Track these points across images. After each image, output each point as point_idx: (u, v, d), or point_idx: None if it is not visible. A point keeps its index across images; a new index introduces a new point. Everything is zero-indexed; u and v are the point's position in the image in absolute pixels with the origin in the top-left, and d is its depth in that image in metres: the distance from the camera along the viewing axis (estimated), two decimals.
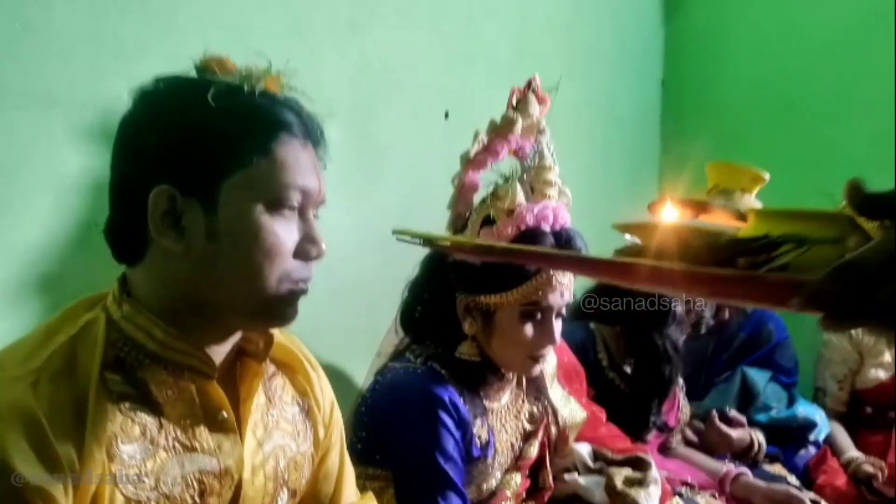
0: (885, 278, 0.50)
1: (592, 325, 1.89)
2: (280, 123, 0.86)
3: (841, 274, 0.51)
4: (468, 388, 1.29)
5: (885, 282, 0.50)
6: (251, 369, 0.94)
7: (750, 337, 2.27)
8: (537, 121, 1.29)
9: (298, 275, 0.87)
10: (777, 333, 2.30)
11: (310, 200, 0.88)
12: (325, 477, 1.06)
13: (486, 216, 1.27)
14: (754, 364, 2.25)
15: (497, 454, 1.32)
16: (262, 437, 0.93)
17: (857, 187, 0.58)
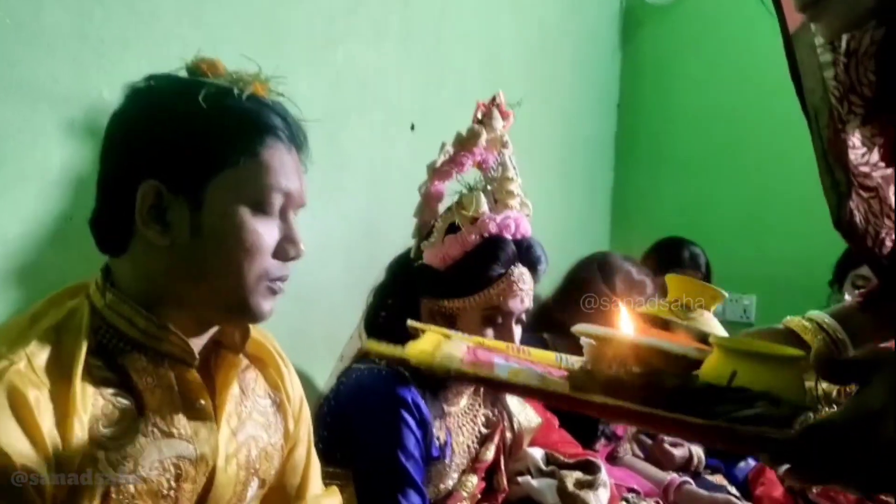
0: (846, 443, 0.55)
1: (546, 336, 1.95)
2: (267, 127, 0.90)
3: (810, 436, 0.56)
4: (430, 391, 1.33)
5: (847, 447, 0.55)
6: (227, 360, 0.97)
7: None
8: (501, 134, 1.35)
9: (276, 273, 0.91)
10: None
11: (291, 202, 0.92)
12: (293, 469, 1.09)
13: (451, 224, 1.32)
14: None
15: (454, 455, 1.36)
16: (235, 426, 0.96)
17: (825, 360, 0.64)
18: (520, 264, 1.34)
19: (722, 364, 0.67)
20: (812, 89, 0.92)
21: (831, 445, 0.55)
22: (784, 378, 0.65)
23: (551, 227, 2.63)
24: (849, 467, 0.56)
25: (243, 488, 0.96)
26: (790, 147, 2.84)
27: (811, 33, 0.88)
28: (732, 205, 3.00)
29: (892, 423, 0.55)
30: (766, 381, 0.63)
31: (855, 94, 0.85)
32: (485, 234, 1.31)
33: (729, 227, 3.00)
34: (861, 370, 0.61)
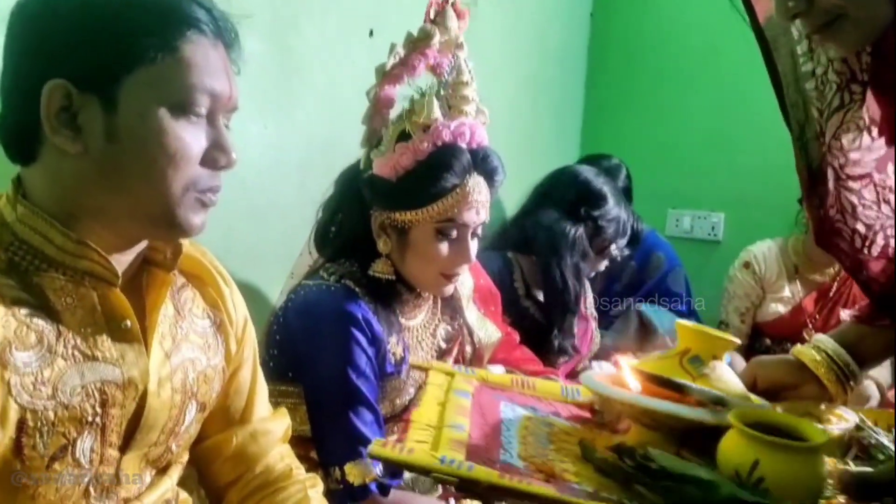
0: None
1: (510, 254, 1.91)
2: (188, 19, 0.81)
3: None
4: (382, 306, 1.29)
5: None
6: (158, 279, 0.91)
7: (640, 266, 2.34)
8: (455, 36, 1.27)
9: (205, 184, 0.84)
10: (667, 262, 2.38)
11: (219, 105, 0.85)
12: (237, 391, 1.05)
13: (402, 131, 1.25)
14: (648, 294, 2.32)
15: (411, 370, 1.33)
16: (169, 348, 0.91)
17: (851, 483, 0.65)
18: (475, 174, 1.27)
19: (744, 450, 0.70)
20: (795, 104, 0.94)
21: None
22: (805, 466, 0.69)
23: (519, 140, 2.56)
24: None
25: (180, 412, 0.92)
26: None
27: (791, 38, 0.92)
28: (704, 119, 2.94)
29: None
30: (788, 472, 0.68)
31: (856, 83, 0.87)
32: (438, 142, 1.24)
33: (699, 141, 2.95)
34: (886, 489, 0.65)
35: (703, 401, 0.88)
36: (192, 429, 0.96)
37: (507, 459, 0.81)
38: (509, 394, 1.05)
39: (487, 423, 0.92)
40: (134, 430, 0.86)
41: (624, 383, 0.94)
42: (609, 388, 0.93)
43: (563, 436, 0.92)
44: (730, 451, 0.73)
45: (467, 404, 0.97)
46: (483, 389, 1.04)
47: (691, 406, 0.87)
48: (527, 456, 0.83)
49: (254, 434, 1.06)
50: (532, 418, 0.96)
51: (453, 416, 0.91)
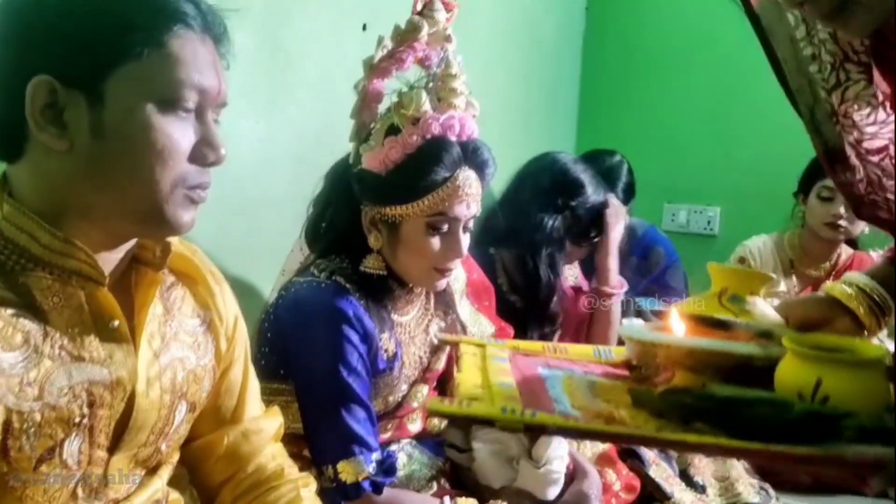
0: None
1: (492, 251, 1.89)
2: (175, 14, 0.80)
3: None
4: (374, 302, 1.28)
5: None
6: (147, 278, 0.90)
7: (641, 260, 2.33)
8: (444, 28, 1.26)
9: (194, 180, 0.83)
10: (668, 257, 2.36)
11: (208, 100, 0.83)
12: (228, 390, 1.04)
13: (391, 125, 1.24)
14: (646, 289, 2.31)
15: (404, 367, 1.33)
16: (158, 348, 0.90)
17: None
18: (466, 167, 1.26)
19: (803, 372, 0.67)
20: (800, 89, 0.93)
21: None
22: (869, 380, 0.66)
23: (513, 133, 2.55)
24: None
25: (169, 413, 0.91)
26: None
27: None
28: (700, 112, 2.93)
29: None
30: (853, 388, 0.65)
31: (850, 62, 0.85)
32: (427, 135, 1.23)
33: (695, 135, 2.93)
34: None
35: (750, 336, 0.87)
36: (182, 429, 0.95)
37: (563, 409, 0.79)
38: (543, 358, 1.04)
39: (530, 382, 0.91)
40: (122, 431, 0.85)
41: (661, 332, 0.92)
42: (653, 333, 0.91)
43: (607, 389, 0.90)
44: (789, 375, 0.70)
45: (507, 367, 0.95)
46: (517, 356, 1.03)
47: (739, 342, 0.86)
48: (580, 406, 0.81)
49: (245, 433, 1.05)
50: (572, 377, 0.94)
51: (498, 377, 0.90)
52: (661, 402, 0.73)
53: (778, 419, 0.63)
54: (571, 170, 1.88)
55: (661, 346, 0.88)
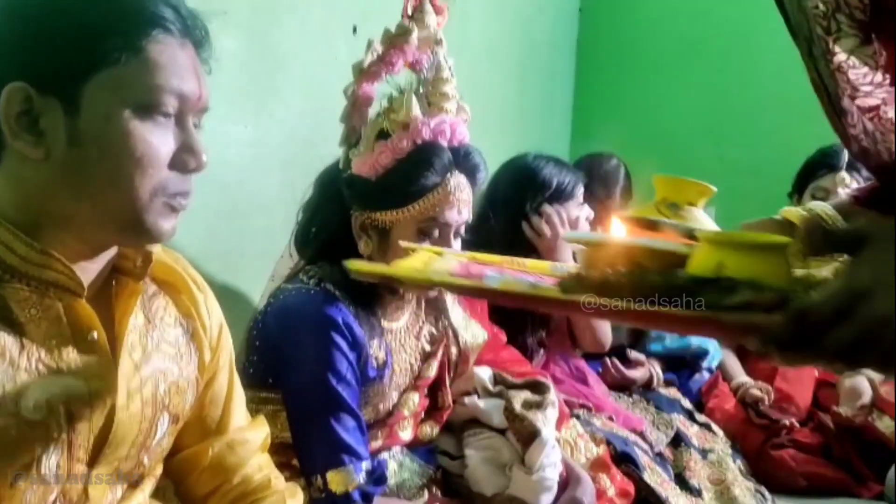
0: (835, 322, 0.54)
1: None
2: (153, 18, 0.79)
3: (797, 320, 0.54)
4: (364, 309, 1.26)
5: (836, 326, 0.54)
6: (127, 288, 0.88)
7: None
8: (434, 31, 1.25)
9: (175, 188, 0.81)
10: None
11: (188, 106, 0.82)
12: (212, 401, 1.02)
13: (381, 129, 1.23)
14: None
15: (394, 374, 1.31)
16: (139, 359, 0.88)
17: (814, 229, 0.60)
18: (457, 172, 1.25)
19: (708, 256, 0.66)
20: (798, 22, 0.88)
21: (820, 326, 0.54)
22: (771, 266, 0.65)
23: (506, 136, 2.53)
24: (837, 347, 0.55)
25: (151, 426, 0.89)
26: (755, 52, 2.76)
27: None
28: (695, 113, 2.92)
29: (881, 301, 0.54)
30: (753, 270, 0.63)
31: (842, 14, 0.83)
32: (417, 139, 1.21)
33: (690, 135, 2.92)
34: (851, 241, 0.59)
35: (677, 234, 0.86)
36: (165, 442, 0.93)
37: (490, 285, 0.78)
38: (498, 267, 1.01)
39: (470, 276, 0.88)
40: (103, 445, 0.83)
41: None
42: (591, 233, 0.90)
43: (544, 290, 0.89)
44: (695, 260, 0.69)
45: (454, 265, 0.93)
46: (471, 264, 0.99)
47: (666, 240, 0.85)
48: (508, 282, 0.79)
49: (231, 444, 1.02)
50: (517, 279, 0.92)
51: (438, 265, 0.89)
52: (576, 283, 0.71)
53: (665, 284, 0.62)
54: (539, 174, 1.80)
55: (595, 243, 0.88)
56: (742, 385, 2.18)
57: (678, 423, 1.95)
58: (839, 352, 0.55)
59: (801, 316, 0.54)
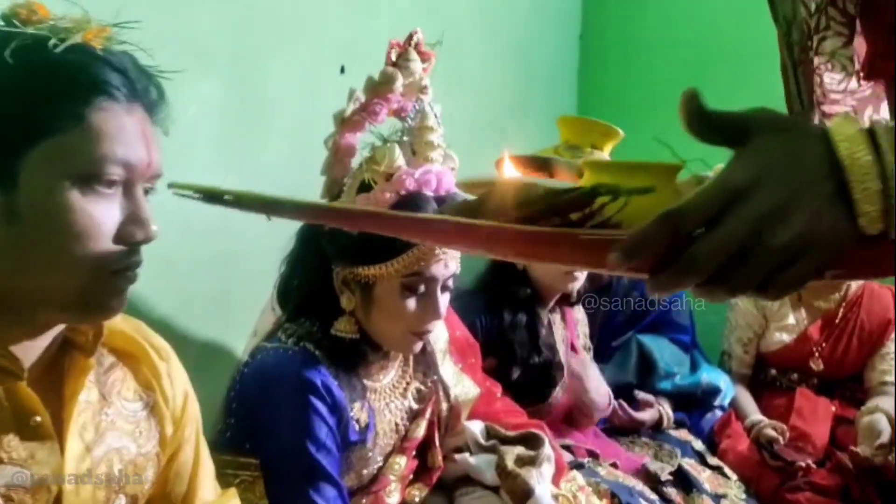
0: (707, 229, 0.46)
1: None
2: (97, 85, 0.74)
3: (661, 225, 0.46)
4: (345, 370, 1.21)
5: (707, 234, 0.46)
6: (78, 364, 0.83)
7: (643, 297, 2.24)
8: (420, 78, 1.20)
9: (121, 262, 0.76)
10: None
11: (136, 175, 0.77)
12: (177, 476, 0.97)
13: (363, 182, 1.18)
14: (650, 326, 2.23)
15: (378, 437, 1.25)
16: (91, 440, 0.83)
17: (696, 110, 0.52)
18: None
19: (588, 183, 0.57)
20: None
21: (688, 234, 0.46)
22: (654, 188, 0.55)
23: None
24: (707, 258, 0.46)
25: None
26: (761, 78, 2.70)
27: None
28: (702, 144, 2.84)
29: (759, 200, 0.46)
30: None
31: (835, 8, 0.77)
32: (401, 190, 1.16)
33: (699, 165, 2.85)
34: (733, 132, 0.50)
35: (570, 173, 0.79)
36: None
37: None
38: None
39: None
40: None
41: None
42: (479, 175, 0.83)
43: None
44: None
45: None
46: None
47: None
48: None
49: None
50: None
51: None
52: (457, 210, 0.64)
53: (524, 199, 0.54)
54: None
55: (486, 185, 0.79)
56: (756, 424, 2.10)
57: (688, 468, 1.88)
58: (711, 266, 0.46)
59: (666, 220, 0.46)
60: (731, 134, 0.50)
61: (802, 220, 0.46)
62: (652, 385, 2.15)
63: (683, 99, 0.51)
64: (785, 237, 0.46)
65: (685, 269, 0.47)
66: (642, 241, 0.46)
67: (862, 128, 0.47)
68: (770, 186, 0.46)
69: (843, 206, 0.46)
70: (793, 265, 0.47)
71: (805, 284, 0.48)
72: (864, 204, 0.46)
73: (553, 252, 0.56)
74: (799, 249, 0.46)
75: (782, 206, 0.46)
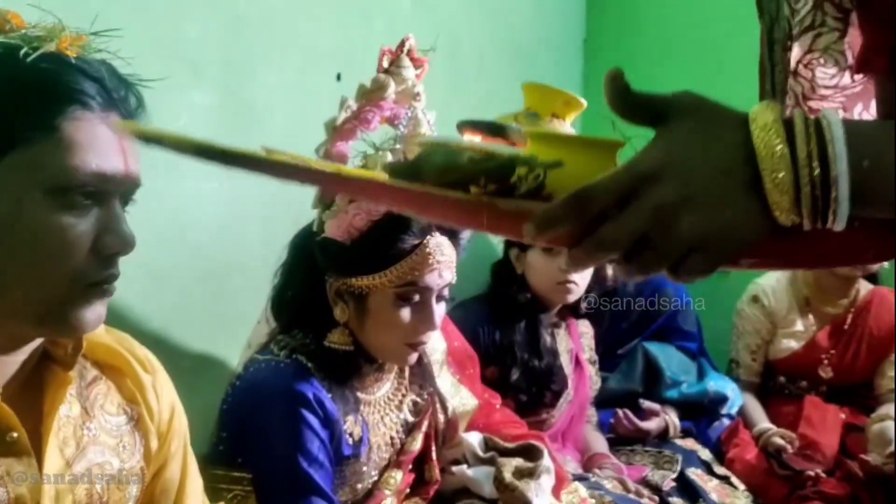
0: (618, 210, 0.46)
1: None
2: (71, 94, 0.72)
3: (573, 203, 0.47)
4: (338, 382, 1.19)
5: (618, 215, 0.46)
6: (58, 377, 0.81)
7: (649, 304, 2.21)
8: (413, 85, 1.18)
9: (97, 275, 0.74)
10: (677, 299, 2.24)
11: (111, 185, 0.75)
12: (164, 491, 0.94)
13: None
14: (657, 333, 2.20)
15: (372, 451, 1.23)
16: (72, 455, 0.81)
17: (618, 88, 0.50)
18: (437, 233, 1.18)
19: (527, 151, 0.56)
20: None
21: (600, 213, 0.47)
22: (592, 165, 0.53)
23: None
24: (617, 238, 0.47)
25: None
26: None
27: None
28: None
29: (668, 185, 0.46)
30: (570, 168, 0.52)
31: (831, 4, 0.76)
32: None
33: None
34: (653, 111, 0.50)
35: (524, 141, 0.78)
36: None
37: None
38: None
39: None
40: None
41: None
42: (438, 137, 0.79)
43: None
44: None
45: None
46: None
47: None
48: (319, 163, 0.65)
49: None
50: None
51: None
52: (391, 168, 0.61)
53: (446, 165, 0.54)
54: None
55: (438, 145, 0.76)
56: (764, 432, 2.07)
57: (694, 477, 1.85)
58: (617, 248, 0.47)
59: (578, 199, 0.46)
60: (651, 114, 0.50)
61: (708, 210, 0.45)
62: (658, 394, 2.12)
63: (607, 78, 0.50)
64: (687, 226, 0.45)
65: (593, 248, 0.47)
66: (551, 217, 0.47)
67: (780, 116, 0.47)
68: (678, 174, 0.46)
69: (758, 196, 0.46)
70: (699, 252, 0.46)
71: (714, 271, 0.48)
72: (776, 194, 0.45)
73: (477, 220, 0.55)
74: (704, 238, 0.46)
75: (687, 195, 0.46)
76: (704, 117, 0.49)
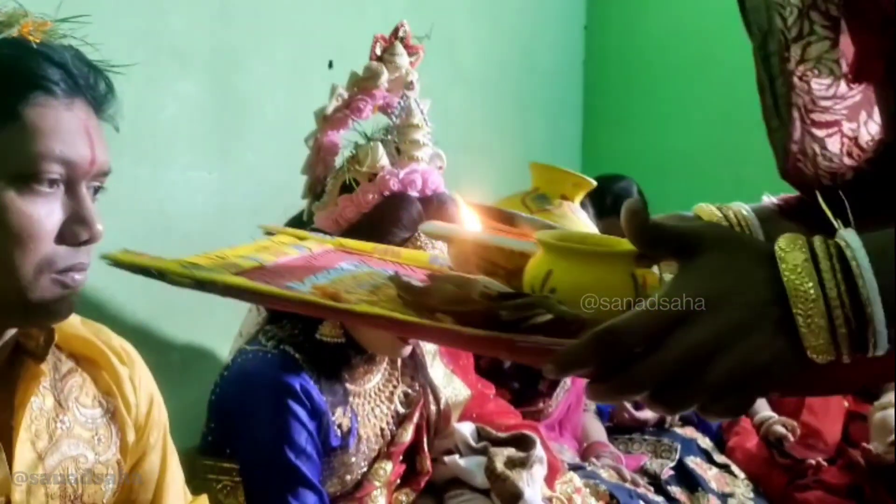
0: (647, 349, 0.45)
1: None
2: (33, 80, 0.72)
3: (598, 343, 0.45)
4: (326, 374, 1.17)
5: (647, 354, 0.45)
6: (29, 370, 0.80)
7: None
8: (406, 73, 1.17)
9: (64, 263, 0.73)
10: None
11: (78, 173, 0.74)
12: (143, 484, 0.94)
13: (344, 182, 1.14)
14: None
15: (361, 442, 1.21)
16: (45, 448, 0.80)
17: (639, 221, 0.48)
18: None
19: (540, 263, 0.58)
20: (756, 7, 0.79)
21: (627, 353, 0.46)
22: (602, 274, 0.55)
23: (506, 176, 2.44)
24: (646, 380, 0.45)
25: None
26: None
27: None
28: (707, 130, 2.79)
29: (701, 326, 0.45)
30: (581, 281, 0.55)
31: (817, 12, 0.74)
32: (384, 192, 1.13)
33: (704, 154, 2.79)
34: (681, 246, 0.48)
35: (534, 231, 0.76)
36: None
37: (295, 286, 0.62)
38: (365, 256, 0.85)
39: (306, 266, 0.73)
40: None
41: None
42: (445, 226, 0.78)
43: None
44: (530, 267, 0.60)
45: (293, 253, 0.77)
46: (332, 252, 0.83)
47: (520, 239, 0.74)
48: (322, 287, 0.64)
49: None
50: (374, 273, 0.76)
51: (259, 254, 0.72)
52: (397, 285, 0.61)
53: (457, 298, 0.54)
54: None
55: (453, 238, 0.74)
56: (766, 421, 2.04)
57: (693, 466, 1.83)
58: (648, 388, 0.45)
59: (603, 339, 0.45)
60: (677, 248, 0.49)
61: (741, 353, 0.44)
62: None
63: (627, 213, 0.49)
64: (723, 369, 0.44)
65: (623, 387, 0.46)
66: (574, 359, 0.46)
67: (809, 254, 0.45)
68: (711, 313, 0.45)
69: (790, 334, 0.45)
70: (732, 394, 0.45)
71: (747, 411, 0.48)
72: (812, 338, 0.44)
73: (492, 351, 0.55)
74: (738, 380, 0.45)
75: (722, 336, 0.45)
76: (730, 253, 0.48)
